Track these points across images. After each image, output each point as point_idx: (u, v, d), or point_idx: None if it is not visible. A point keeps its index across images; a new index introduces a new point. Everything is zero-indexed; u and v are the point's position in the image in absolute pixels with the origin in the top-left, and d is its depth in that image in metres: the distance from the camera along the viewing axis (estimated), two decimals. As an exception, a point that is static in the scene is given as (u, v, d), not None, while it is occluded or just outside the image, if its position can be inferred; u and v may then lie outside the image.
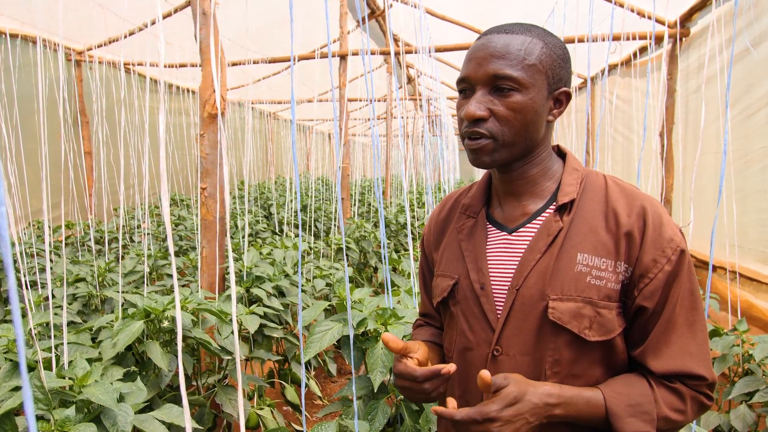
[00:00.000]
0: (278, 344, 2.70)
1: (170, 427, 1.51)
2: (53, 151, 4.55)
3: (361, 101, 8.73)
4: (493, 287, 0.91)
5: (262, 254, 3.30)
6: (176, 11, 4.69)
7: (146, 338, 1.84)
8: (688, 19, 3.99)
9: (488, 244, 0.95)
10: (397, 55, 5.81)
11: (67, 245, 4.28)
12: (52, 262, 3.57)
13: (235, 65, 5.22)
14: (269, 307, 2.45)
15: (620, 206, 0.86)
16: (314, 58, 5.15)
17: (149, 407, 1.65)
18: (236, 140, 8.80)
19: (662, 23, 4.11)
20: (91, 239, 3.40)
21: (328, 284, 3.11)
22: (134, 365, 1.82)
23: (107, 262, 3.20)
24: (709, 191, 3.80)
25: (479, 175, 16.42)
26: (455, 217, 1.04)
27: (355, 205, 7.43)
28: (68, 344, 1.71)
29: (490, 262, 0.93)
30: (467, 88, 0.89)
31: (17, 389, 1.39)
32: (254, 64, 5.15)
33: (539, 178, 0.93)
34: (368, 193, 9.14)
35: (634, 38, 3.91)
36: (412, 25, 4.97)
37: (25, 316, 2.23)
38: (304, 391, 1.54)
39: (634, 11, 3.99)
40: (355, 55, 4.97)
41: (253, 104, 9.29)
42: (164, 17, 4.73)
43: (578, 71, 5.96)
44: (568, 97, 0.91)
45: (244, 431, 1.13)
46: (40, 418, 1.29)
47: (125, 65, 5.66)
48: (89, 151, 5.72)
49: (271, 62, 5.34)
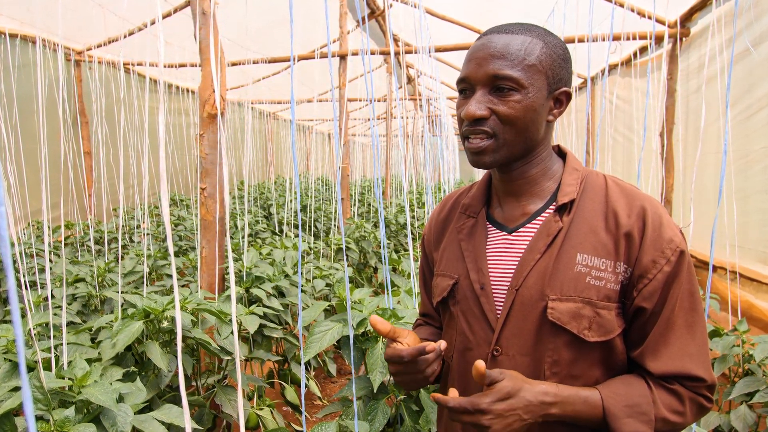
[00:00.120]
0: (278, 344, 2.70)
1: (170, 427, 1.51)
2: (53, 151, 4.55)
3: (360, 101, 8.73)
4: (492, 287, 0.91)
5: (261, 254, 3.30)
6: (176, 11, 4.69)
7: (146, 338, 1.83)
8: (688, 19, 3.99)
9: (488, 244, 0.95)
10: (397, 55, 5.81)
11: (66, 245, 4.28)
12: (51, 262, 3.57)
13: (234, 65, 5.22)
14: (269, 307, 2.45)
15: (620, 206, 0.86)
16: (314, 58, 5.15)
17: (149, 407, 1.65)
18: (236, 140, 8.79)
19: (662, 23, 4.11)
20: (90, 239, 3.40)
21: (327, 284, 3.11)
22: (134, 365, 1.82)
23: (107, 262, 3.19)
24: (709, 191, 3.80)
25: (479, 175, 16.42)
26: (455, 216, 1.04)
27: (354, 205, 7.43)
28: (68, 344, 1.71)
29: (489, 262, 0.93)
30: (467, 88, 0.89)
31: (17, 389, 1.39)
32: (254, 64, 5.14)
33: (539, 178, 0.93)
34: (368, 193, 9.14)
35: (634, 38, 3.91)
36: (412, 25, 4.97)
37: (24, 316, 2.23)
38: (303, 391, 1.54)
39: (634, 11, 3.99)
40: (354, 55, 4.97)
41: (252, 104, 9.29)
42: (164, 17, 4.73)
43: (578, 71, 5.96)
44: (568, 97, 0.91)
45: (243, 431, 1.13)
46: (39, 418, 1.29)
47: (125, 65, 5.66)
48: (89, 151, 5.72)
49: (270, 62, 5.34)
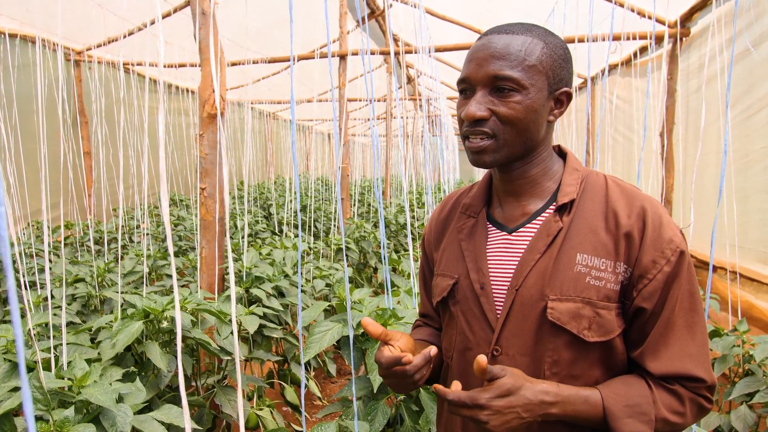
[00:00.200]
0: (278, 345, 2.70)
1: (169, 427, 1.51)
2: (52, 151, 4.55)
3: (360, 101, 8.73)
4: (492, 287, 0.91)
5: (261, 254, 3.29)
6: (176, 11, 4.69)
7: (145, 339, 1.83)
8: (688, 18, 3.99)
9: (488, 243, 0.95)
10: (396, 55, 5.81)
11: (66, 246, 4.28)
12: (51, 262, 3.57)
13: (234, 65, 5.22)
14: (269, 307, 2.45)
15: (620, 207, 0.86)
16: (314, 58, 5.15)
17: (148, 408, 1.65)
18: (236, 140, 8.79)
19: (662, 23, 4.11)
20: (90, 239, 3.40)
21: (327, 285, 3.11)
22: (133, 366, 1.82)
23: (106, 262, 3.19)
24: (709, 191, 3.80)
25: (479, 175, 16.43)
26: (456, 216, 1.04)
27: (354, 205, 7.43)
28: (67, 345, 1.71)
29: (490, 262, 0.93)
30: (468, 88, 0.89)
31: (16, 390, 1.39)
32: (254, 64, 5.14)
33: (539, 178, 0.93)
34: (368, 193, 9.14)
35: (634, 38, 3.91)
36: (412, 25, 4.97)
37: (24, 316, 2.22)
38: (303, 391, 1.54)
39: (634, 11, 3.98)
40: (354, 55, 4.97)
41: (252, 104, 9.29)
42: (164, 17, 4.73)
43: (578, 71, 5.96)
44: (568, 97, 0.91)
45: (243, 431, 1.13)
46: (39, 418, 1.29)
47: (124, 65, 5.65)
48: (88, 151, 5.72)
49: (270, 62, 5.34)
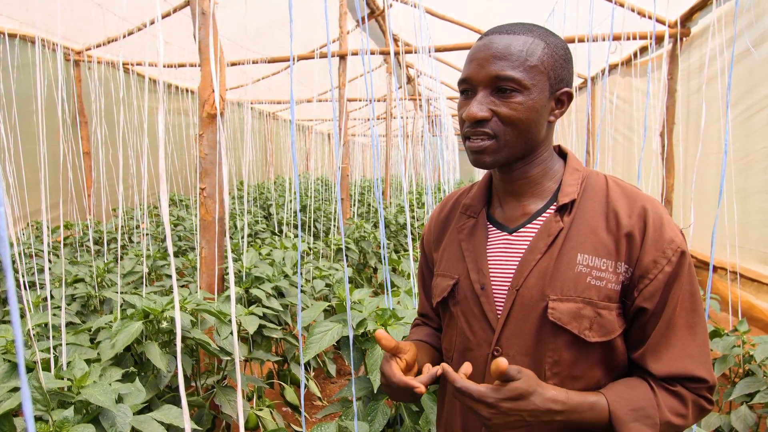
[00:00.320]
0: (277, 345, 2.70)
1: (169, 428, 1.51)
2: (52, 151, 4.55)
3: (360, 101, 8.72)
4: (493, 287, 0.91)
5: (261, 255, 3.29)
6: (175, 11, 4.68)
7: (145, 339, 1.83)
8: (688, 18, 3.99)
9: (488, 244, 0.95)
10: (396, 55, 5.81)
11: (65, 246, 4.28)
12: (50, 262, 3.57)
13: (234, 65, 5.21)
14: (268, 307, 2.44)
15: (621, 207, 0.86)
16: (314, 57, 5.14)
17: (148, 408, 1.65)
18: (235, 140, 8.79)
19: (663, 23, 4.11)
20: (89, 240, 3.39)
21: (327, 285, 3.11)
22: (133, 366, 1.82)
23: (106, 262, 3.19)
24: (710, 191, 3.80)
25: (479, 175, 16.42)
26: (456, 217, 1.04)
27: (354, 205, 7.42)
28: (67, 345, 1.71)
29: (490, 262, 0.93)
30: (469, 88, 0.89)
31: (16, 390, 1.39)
32: (253, 63, 5.14)
33: (540, 178, 0.93)
34: (368, 193, 9.14)
35: (634, 38, 3.91)
36: (411, 24, 4.97)
37: (23, 316, 2.22)
38: (303, 391, 1.54)
39: (634, 11, 3.98)
40: (354, 55, 4.97)
41: (252, 104, 9.28)
42: (163, 17, 4.73)
43: (579, 71, 5.96)
44: (569, 97, 0.91)
45: (243, 433, 1.13)
46: (38, 419, 1.29)
47: (124, 65, 5.65)
48: (88, 151, 5.71)
49: (270, 62, 5.34)
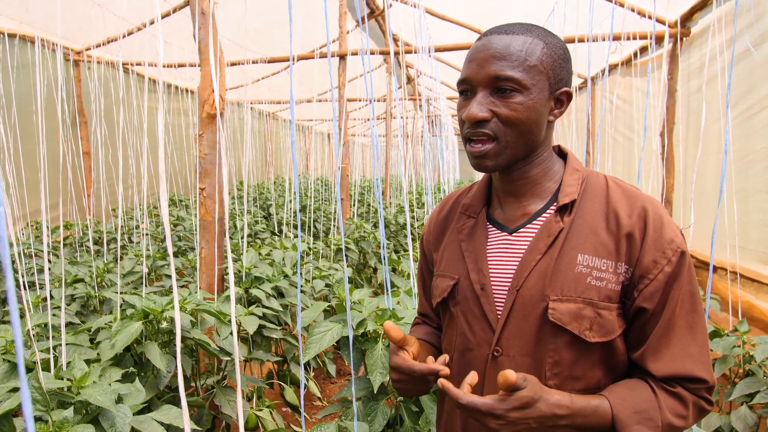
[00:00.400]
0: (277, 345, 2.70)
1: (169, 428, 1.51)
2: (51, 151, 4.55)
3: (360, 101, 8.72)
4: (493, 288, 0.91)
5: (261, 255, 3.29)
6: (175, 11, 4.68)
7: (145, 339, 1.83)
8: (688, 18, 3.99)
9: (488, 244, 0.95)
10: (396, 55, 5.81)
11: (65, 246, 4.28)
12: (50, 262, 3.57)
13: (234, 65, 5.21)
14: (268, 307, 2.44)
15: (621, 207, 0.86)
16: (313, 57, 5.14)
17: (148, 408, 1.65)
18: (235, 140, 8.79)
19: (663, 23, 4.11)
20: (89, 240, 3.39)
21: (327, 285, 3.10)
22: (133, 366, 1.82)
23: (106, 262, 3.19)
24: (710, 192, 3.79)
25: (479, 175, 16.39)
26: (455, 217, 1.04)
27: (354, 205, 7.42)
28: (66, 345, 1.70)
29: (490, 262, 0.93)
30: (468, 89, 0.88)
31: (15, 390, 1.39)
32: (253, 63, 5.14)
33: (540, 178, 0.93)
34: (368, 193, 9.14)
35: (634, 38, 3.91)
36: (411, 24, 4.96)
37: (23, 316, 2.22)
38: (303, 392, 1.54)
39: (634, 11, 3.98)
40: (354, 54, 4.96)
41: (252, 104, 9.28)
42: (163, 17, 4.73)
43: (578, 71, 5.95)
44: (569, 97, 0.90)
45: (242, 433, 1.12)
46: (38, 419, 1.29)
47: (124, 65, 5.65)
48: (87, 151, 5.71)
49: (270, 62, 5.34)
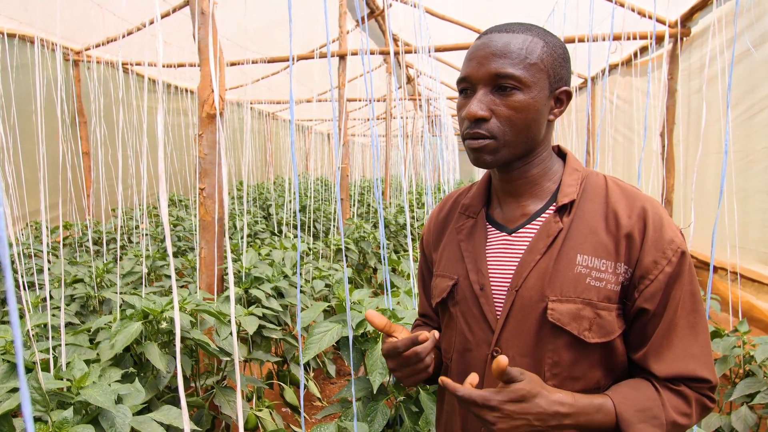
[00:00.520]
0: (277, 345, 2.69)
1: (168, 428, 1.50)
2: (51, 151, 4.55)
3: (360, 101, 8.72)
4: (492, 288, 0.91)
5: (260, 255, 3.29)
6: (175, 11, 4.68)
7: (144, 339, 1.83)
8: (689, 18, 3.99)
9: (488, 244, 0.94)
10: (396, 54, 5.81)
11: (65, 246, 4.27)
12: (49, 262, 3.56)
13: (233, 65, 5.21)
14: (268, 308, 2.44)
15: (620, 207, 0.85)
16: (313, 57, 5.14)
17: (147, 409, 1.65)
18: (235, 140, 8.79)
19: (663, 23, 4.11)
20: (89, 240, 3.39)
21: (327, 285, 3.10)
22: (132, 366, 1.82)
23: (105, 263, 3.19)
24: (710, 192, 3.79)
25: (479, 175, 16.41)
26: (455, 217, 1.03)
27: (354, 205, 7.42)
28: (66, 345, 1.70)
29: (489, 262, 0.92)
30: (468, 87, 0.88)
31: (15, 390, 1.39)
32: (253, 63, 5.14)
33: (539, 178, 0.92)
34: (367, 193, 9.14)
35: (634, 38, 3.91)
36: (411, 24, 4.97)
37: (22, 317, 2.22)
38: (303, 392, 1.53)
39: (634, 11, 3.98)
40: (354, 54, 4.96)
41: (251, 104, 9.28)
42: (162, 17, 4.72)
43: (579, 71, 5.95)
44: (568, 96, 0.90)
45: (242, 434, 1.12)
46: (37, 419, 1.29)
47: (123, 65, 5.65)
48: (87, 151, 5.71)
49: (269, 62, 5.34)
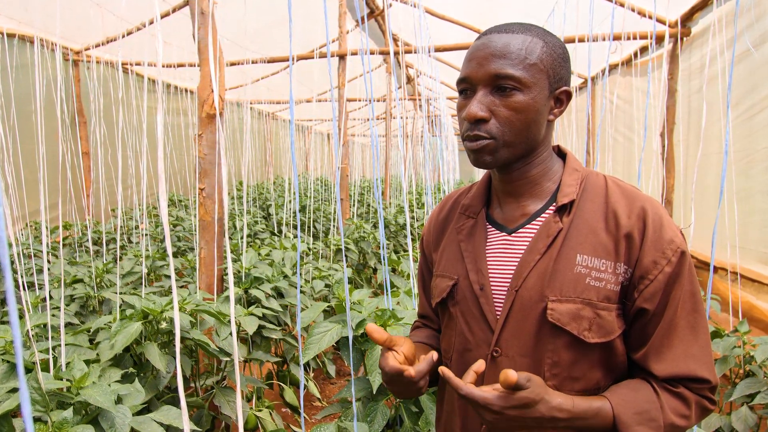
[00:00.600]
0: (277, 345, 2.69)
1: (168, 428, 1.50)
2: (51, 151, 4.55)
3: (360, 101, 8.72)
4: (492, 288, 0.91)
5: (260, 255, 3.29)
6: (174, 11, 4.68)
7: (144, 339, 1.82)
8: (689, 18, 3.98)
9: (488, 244, 0.94)
10: (396, 54, 5.80)
11: (64, 246, 4.27)
12: (49, 263, 3.56)
13: (233, 65, 5.21)
14: (268, 308, 2.44)
15: (620, 207, 0.85)
16: (313, 57, 5.14)
17: (147, 409, 1.64)
18: (235, 140, 8.79)
19: (663, 23, 4.11)
20: (88, 240, 3.39)
21: (327, 285, 3.10)
22: (132, 367, 1.82)
23: (105, 263, 3.18)
24: (710, 192, 3.79)
25: (479, 175, 16.41)
26: (455, 217, 1.03)
27: (354, 205, 7.42)
28: (66, 345, 1.70)
29: (489, 262, 0.92)
30: (468, 88, 0.88)
31: (15, 391, 1.39)
32: (253, 63, 5.14)
33: (539, 178, 0.92)
34: (367, 193, 9.14)
35: (634, 38, 3.91)
36: (411, 24, 4.96)
37: (22, 317, 2.21)
38: (302, 392, 1.53)
39: (634, 11, 3.98)
40: (354, 54, 4.96)
41: (251, 104, 9.28)
42: (162, 17, 4.72)
43: (579, 71, 5.95)
44: (568, 96, 0.90)
45: (242, 434, 1.12)
46: (37, 419, 1.29)
47: (123, 65, 5.64)
48: (87, 151, 5.71)
49: (269, 62, 5.34)
